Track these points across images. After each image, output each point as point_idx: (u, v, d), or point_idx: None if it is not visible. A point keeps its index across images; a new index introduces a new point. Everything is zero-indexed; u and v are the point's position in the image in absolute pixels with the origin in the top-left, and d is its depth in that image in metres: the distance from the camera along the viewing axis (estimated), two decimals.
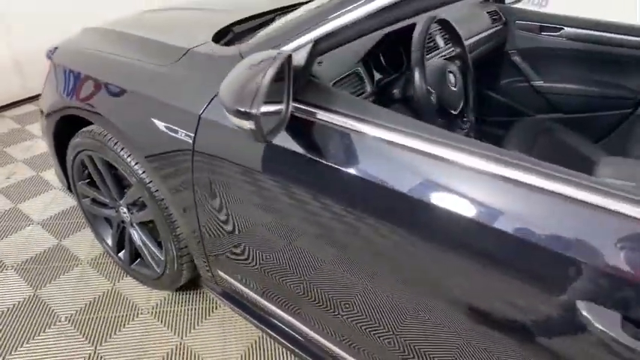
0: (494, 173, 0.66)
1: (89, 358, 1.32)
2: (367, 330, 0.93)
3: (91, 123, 1.34)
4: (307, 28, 0.82)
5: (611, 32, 1.69)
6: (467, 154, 0.69)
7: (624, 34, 1.67)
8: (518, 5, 2.06)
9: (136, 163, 1.23)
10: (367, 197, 0.77)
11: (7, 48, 2.75)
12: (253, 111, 0.68)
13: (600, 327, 0.59)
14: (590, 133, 1.78)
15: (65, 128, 1.47)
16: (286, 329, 1.17)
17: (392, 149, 0.75)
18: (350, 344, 1.01)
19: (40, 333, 1.40)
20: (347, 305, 0.94)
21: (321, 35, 0.81)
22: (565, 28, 1.78)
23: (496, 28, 1.86)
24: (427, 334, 0.82)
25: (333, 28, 0.79)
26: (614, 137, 1.80)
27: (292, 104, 0.84)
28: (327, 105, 0.84)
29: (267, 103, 0.73)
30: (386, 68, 1.24)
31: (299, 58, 0.84)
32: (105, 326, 1.43)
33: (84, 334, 1.40)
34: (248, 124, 0.69)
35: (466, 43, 1.63)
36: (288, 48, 0.84)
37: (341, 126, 0.81)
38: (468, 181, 0.68)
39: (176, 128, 1.03)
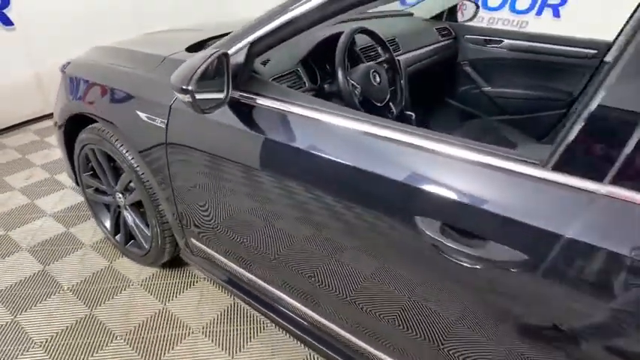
0: (384, 136, 0.89)
1: None
2: (325, 289, 1.14)
3: (94, 121, 1.64)
4: (244, 35, 1.09)
5: (542, 42, 1.94)
6: (365, 123, 0.92)
7: (553, 44, 1.92)
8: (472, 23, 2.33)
9: (127, 151, 1.51)
10: (296, 162, 1.01)
11: (30, 67, 3.12)
12: (190, 88, 0.94)
13: (431, 234, 0.81)
14: (533, 132, 2.00)
15: (73, 128, 1.77)
16: (253, 291, 1.40)
17: (311, 123, 1.00)
18: (313, 302, 1.21)
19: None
20: (303, 264, 1.16)
21: (254, 39, 1.08)
22: (505, 40, 2.03)
23: (447, 42, 2.13)
24: (371, 292, 1.03)
25: (262, 34, 1.06)
26: (552, 135, 2.02)
27: (238, 92, 1.11)
28: (264, 93, 1.11)
29: (209, 91, 1.00)
30: (323, 69, 1.50)
31: (240, 58, 1.11)
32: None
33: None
34: (187, 98, 0.96)
35: (416, 52, 1.90)
36: (231, 51, 1.11)
37: (274, 108, 1.07)
38: (364, 143, 0.92)
39: (154, 117, 1.31)
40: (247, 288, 1.42)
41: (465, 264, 0.80)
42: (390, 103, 1.52)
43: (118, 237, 1.87)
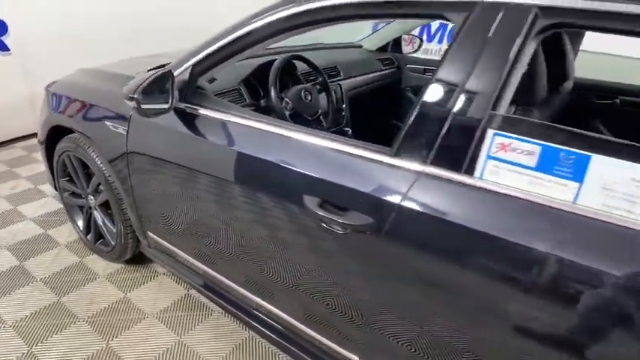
0: (292, 137, 1.14)
1: None
2: (264, 273, 1.34)
3: (72, 132, 1.88)
4: (188, 58, 1.36)
5: None
6: (278, 128, 1.17)
7: None
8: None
9: (97, 156, 1.75)
10: (230, 162, 1.25)
11: (24, 87, 3.39)
12: (135, 96, 1.20)
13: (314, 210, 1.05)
14: None
15: (54, 140, 2.01)
16: (204, 280, 1.60)
17: (241, 129, 1.24)
18: (256, 288, 1.40)
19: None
20: (242, 253, 1.37)
21: (196, 62, 1.35)
22: None
23: (390, 70, 2.43)
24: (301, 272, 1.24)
25: (201, 57, 1.33)
26: None
27: (184, 104, 1.37)
28: (205, 105, 1.36)
29: (157, 102, 1.26)
30: (265, 88, 1.77)
31: (186, 76, 1.37)
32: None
33: None
34: (133, 104, 1.22)
35: (357, 79, 2.19)
36: (177, 71, 1.38)
37: (213, 117, 1.32)
38: (279, 143, 1.16)
39: (117, 126, 1.56)
40: (198, 277, 1.62)
41: (338, 230, 1.03)
42: (321, 117, 1.79)
43: (89, 236, 2.08)
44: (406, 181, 0.95)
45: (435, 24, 3.75)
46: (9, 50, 3.20)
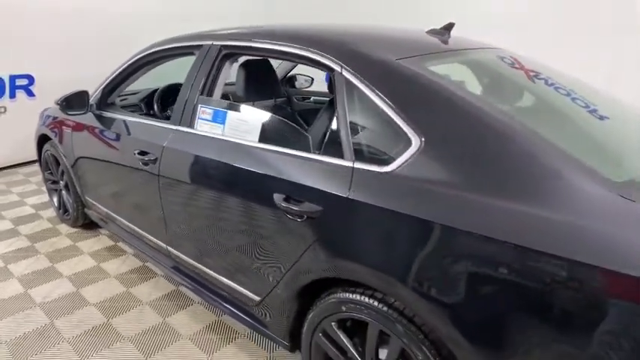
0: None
1: None
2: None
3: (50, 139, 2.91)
4: (102, 84, 2.36)
5: (323, 96, 3.12)
6: (150, 122, 2.12)
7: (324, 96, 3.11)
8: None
9: (63, 154, 2.74)
10: (125, 146, 2.18)
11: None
12: (59, 102, 2.20)
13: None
14: None
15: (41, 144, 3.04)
16: (125, 228, 2.47)
17: (131, 124, 2.18)
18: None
19: None
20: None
21: (104, 86, 2.34)
22: (312, 97, 3.24)
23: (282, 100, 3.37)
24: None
25: (107, 83, 2.32)
26: None
27: (99, 111, 2.35)
28: (112, 111, 2.33)
29: (78, 110, 2.26)
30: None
31: (99, 95, 2.36)
32: None
33: None
34: (57, 107, 2.20)
35: None
36: (92, 91, 2.36)
37: (115, 118, 2.27)
38: (149, 130, 2.10)
39: (70, 132, 2.56)
40: (122, 228, 2.50)
41: (152, 168, 1.92)
42: None
43: (60, 211, 3.05)
44: (167, 134, 1.83)
45: None
46: (34, 96, 4.41)
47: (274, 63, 3.05)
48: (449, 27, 1.72)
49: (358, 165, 1.25)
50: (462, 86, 1.33)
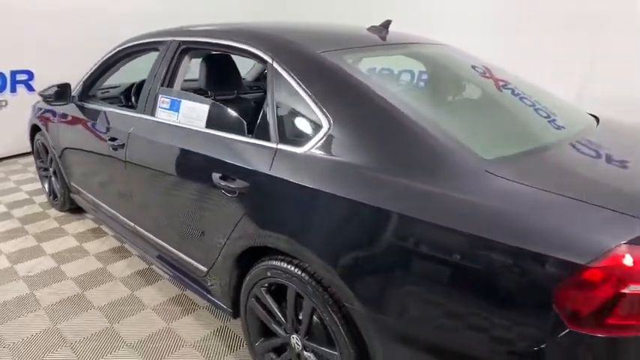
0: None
1: None
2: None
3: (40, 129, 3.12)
4: (83, 78, 2.55)
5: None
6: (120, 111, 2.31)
7: None
8: None
9: (50, 143, 2.95)
10: (103, 132, 2.38)
11: None
12: (43, 93, 2.40)
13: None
14: None
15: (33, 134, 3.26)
16: (103, 210, 2.68)
17: (111, 114, 2.37)
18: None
19: None
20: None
21: (85, 79, 2.53)
22: None
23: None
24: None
25: (87, 77, 2.52)
26: None
27: (81, 102, 2.54)
28: (92, 102, 2.53)
29: (62, 101, 2.45)
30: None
31: (81, 88, 2.56)
32: None
33: None
34: (41, 98, 2.40)
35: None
36: (74, 85, 2.56)
37: (96, 109, 2.46)
38: (122, 118, 2.29)
39: (56, 122, 2.76)
40: (102, 211, 2.69)
41: (120, 154, 2.10)
42: None
43: (51, 197, 3.26)
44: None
45: None
46: (34, 90, 4.64)
47: (250, 62, 3.23)
48: (386, 24, 1.87)
49: (281, 146, 1.42)
50: (371, 76, 1.49)
